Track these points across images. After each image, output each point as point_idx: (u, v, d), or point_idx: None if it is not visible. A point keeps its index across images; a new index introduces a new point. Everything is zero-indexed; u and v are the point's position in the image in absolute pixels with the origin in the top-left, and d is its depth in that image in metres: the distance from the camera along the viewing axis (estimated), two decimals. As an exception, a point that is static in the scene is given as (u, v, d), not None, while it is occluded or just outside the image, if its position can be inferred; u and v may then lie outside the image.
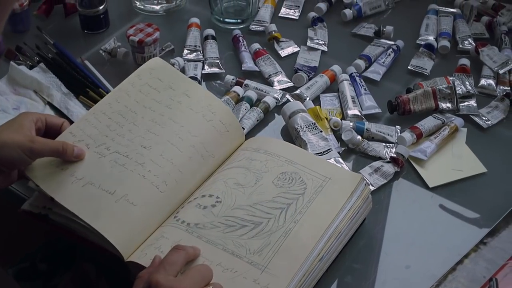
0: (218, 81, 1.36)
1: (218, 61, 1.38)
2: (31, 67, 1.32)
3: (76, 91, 1.29)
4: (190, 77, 1.31)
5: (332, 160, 1.13)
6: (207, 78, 1.37)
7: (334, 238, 0.95)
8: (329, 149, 1.15)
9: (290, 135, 1.21)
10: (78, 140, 1.01)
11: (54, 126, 1.02)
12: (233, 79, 1.31)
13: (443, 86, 1.25)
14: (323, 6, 1.52)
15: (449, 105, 1.24)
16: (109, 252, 0.92)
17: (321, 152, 1.14)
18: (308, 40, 1.44)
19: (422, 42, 1.43)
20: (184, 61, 1.37)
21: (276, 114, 1.28)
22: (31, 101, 1.26)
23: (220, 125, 1.08)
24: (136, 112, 1.06)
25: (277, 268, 0.89)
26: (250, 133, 1.22)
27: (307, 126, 1.18)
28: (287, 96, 1.29)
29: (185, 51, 1.40)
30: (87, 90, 1.28)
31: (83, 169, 0.98)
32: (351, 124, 1.21)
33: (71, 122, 1.21)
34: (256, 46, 1.41)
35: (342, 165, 1.13)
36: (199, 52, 1.40)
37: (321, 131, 1.17)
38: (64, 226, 0.97)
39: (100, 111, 1.06)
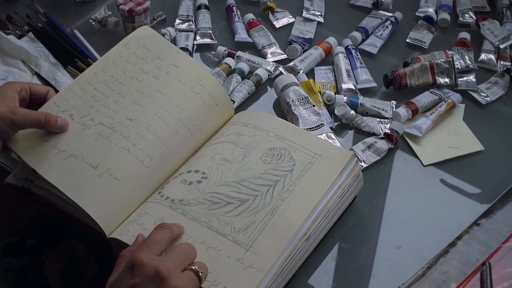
0: (212, 52, 1.30)
1: (210, 31, 1.32)
2: (20, 37, 1.27)
3: (65, 61, 1.24)
4: (181, 48, 1.25)
5: (323, 136, 1.08)
6: (199, 49, 1.31)
7: (322, 217, 0.90)
8: (321, 124, 1.09)
9: (282, 109, 1.15)
10: (62, 111, 0.97)
11: (39, 95, 0.97)
12: (225, 51, 1.26)
13: (442, 60, 1.19)
14: (320, -25, 1.45)
15: (447, 80, 1.18)
16: (93, 228, 0.88)
17: (312, 127, 1.09)
18: (303, 10, 1.37)
19: (422, 15, 1.36)
20: (175, 31, 1.31)
21: (268, 87, 1.22)
22: (18, 72, 1.21)
23: (208, 98, 1.02)
24: (122, 82, 1.01)
25: (262, 248, 0.85)
26: (241, 107, 1.17)
27: (299, 100, 1.12)
28: (280, 68, 1.23)
29: (177, 21, 1.34)
30: (76, 60, 1.23)
31: (67, 141, 0.94)
32: (345, 98, 1.15)
33: (57, 92, 1.17)
34: (250, 16, 1.34)
35: (334, 141, 1.08)
36: (191, 22, 1.34)
37: (314, 106, 1.12)
38: (47, 201, 0.93)
39: (86, 81, 1.01)
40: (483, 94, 1.19)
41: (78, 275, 0.97)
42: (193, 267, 0.78)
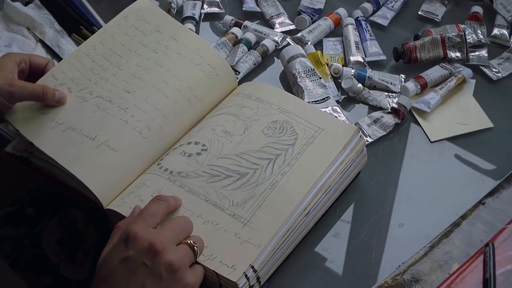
0: (220, 22, 1.25)
1: (218, 0, 1.27)
2: (26, 4, 1.23)
3: (70, 29, 1.20)
4: (187, 17, 1.21)
5: (329, 109, 1.04)
6: (206, 18, 1.27)
7: (323, 192, 0.86)
8: (326, 97, 1.05)
9: (288, 81, 1.11)
10: (60, 84, 0.94)
11: (39, 66, 0.95)
12: (232, 20, 1.21)
13: (453, 34, 1.14)
14: None
15: (458, 54, 1.13)
16: (91, 199, 0.85)
17: (318, 100, 1.05)
18: (314, -20, 1.32)
19: (435, -13, 1.31)
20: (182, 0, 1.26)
21: (275, 58, 1.18)
22: (23, 39, 1.18)
23: (208, 69, 0.98)
24: (121, 55, 0.98)
25: (260, 223, 0.82)
26: (247, 77, 1.13)
27: (305, 72, 1.08)
28: (288, 39, 1.19)
29: (185, -11, 1.30)
30: (81, 28, 1.19)
31: (64, 114, 0.91)
32: (353, 71, 1.11)
33: (60, 59, 1.14)
34: (259, -15, 1.30)
35: (339, 114, 1.04)
36: (199, -10, 1.29)
37: (320, 78, 1.08)
38: (46, 171, 0.91)
39: (84, 53, 0.98)
40: (494, 69, 1.13)
41: (76, 245, 0.95)
42: (188, 241, 0.76)
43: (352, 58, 1.14)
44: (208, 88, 0.98)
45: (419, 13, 1.26)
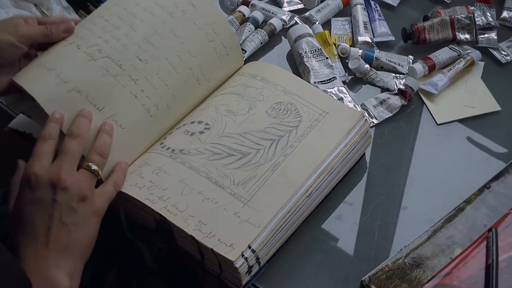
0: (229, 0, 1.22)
1: (227, -22, 1.24)
2: (34, -21, 1.21)
3: (76, 5, 1.17)
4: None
5: (335, 89, 1.01)
6: (215, -5, 1.24)
7: (326, 174, 0.84)
8: (333, 78, 1.03)
9: (295, 60, 1.08)
10: (69, 43, 0.87)
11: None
12: (240, -2, 1.18)
13: (462, 15, 1.10)
14: None
15: (467, 36, 1.10)
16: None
17: (324, 80, 1.02)
18: (324, -41, 1.28)
19: (446, -33, 1.26)
20: (191, -24, 1.23)
21: (283, 37, 1.15)
22: (30, 15, 1.15)
23: (220, 48, 0.95)
24: (135, 14, 0.91)
25: (261, 203, 0.80)
26: (253, 57, 1.10)
27: (312, 51, 1.05)
28: (296, 18, 1.16)
29: (194, -34, 1.26)
30: (88, 4, 1.16)
31: (70, 71, 0.84)
32: (360, 51, 1.08)
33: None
34: (269, -37, 1.26)
35: (345, 95, 1.01)
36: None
37: (327, 58, 1.05)
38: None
39: (97, 15, 0.91)
40: (503, 52, 1.10)
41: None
42: (86, 164, 0.77)
43: (360, 38, 1.11)
44: (216, 68, 0.94)
45: (430, -7, 1.23)
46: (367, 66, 1.05)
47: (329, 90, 1.01)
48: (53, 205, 0.73)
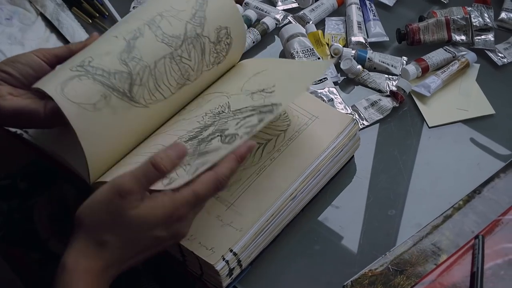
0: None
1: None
2: (28, -25, 1.20)
3: (70, 2, 1.16)
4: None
5: (325, 90, 0.99)
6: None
7: (312, 176, 0.83)
8: (324, 78, 1.01)
9: (287, 60, 1.06)
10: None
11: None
12: (233, -4, 1.16)
13: (459, 16, 1.08)
14: None
15: (463, 37, 1.07)
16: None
17: (315, 81, 1.00)
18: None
19: (444, -34, 1.24)
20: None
21: (276, 36, 1.13)
22: (24, 11, 1.15)
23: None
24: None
25: (244, 207, 0.79)
26: (245, 56, 1.07)
27: (303, 51, 1.03)
28: (289, 17, 1.14)
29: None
30: (81, 1, 1.15)
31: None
32: (353, 52, 1.06)
33: (59, 34, 1.11)
34: (264, -39, 1.24)
35: (336, 96, 0.99)
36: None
37: (319, 58, 1.03)
38: (38, 147, 0.87)
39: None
40: (500, 54, 1.07)
41: (66, 220, 0.92)
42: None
43: (354, 39, 1.09)
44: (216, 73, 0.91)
45: (427, -7, 1.20)
46: (359, 67, 1.03)
47: (319, 91, 0.98)
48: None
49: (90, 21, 1.14)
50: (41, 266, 0.89)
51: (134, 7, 1.15)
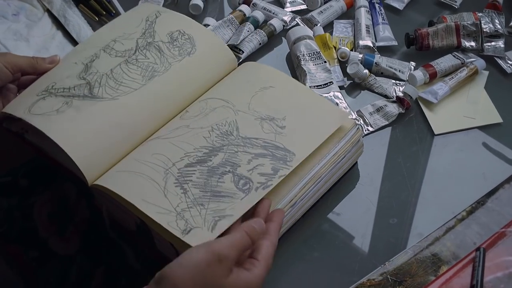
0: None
1: (230, -25, 1.21)
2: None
3: (77, -1, 1.16)
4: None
5: (330, 94, 0.98)
6: (219, -7, 1.21)
7: (312, 183, 0.82)
8: (329, 82, 1.00)
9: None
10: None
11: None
12: (241, -3, 1.15)
13: (468, 22, 1.06)
14: None
15: (473, 43, 1.06)
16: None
17: (320, 85, 0.99)
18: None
19: (457, -29, 1.22)
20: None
21: (283, 38, 1.12)
22: (31, 8, 1.15)
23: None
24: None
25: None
26: (251, 57, 1.07)
27: (310, 54, 1.02)
28: (297, 19, 1.13)
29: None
30: (89, -2, 1.15)
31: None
32: (360, 56, 1.05)
33: (65, 31, 1.10)
34: (273, -38, 1.23)
35: (341, 101, 0.98)
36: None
37: (325, 62, 1.02)
38: (39, 147, 0.87)
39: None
40: (509, 61, 1.06)
41: (66, 219, 0.92)
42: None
43: (361, 42, 1.08)
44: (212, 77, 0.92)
45: (437, -3, 1.19)
46: (366, 71, 1.02)
47: (324, 95, 0.98)
48: None
49: (97, 18, 1.14)
50: (40, 264, 0.89)
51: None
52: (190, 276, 0.64)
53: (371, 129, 0.97)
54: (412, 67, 1.05)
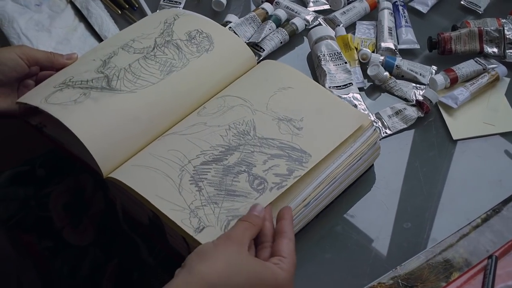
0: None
1: (254, -27, 1.22)
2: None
3: (100, -7, 1.18)
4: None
5: (349, 96, 0.98)
6: (243, -10, 1.22)
7: (327, 183, 0.82)
8: (349, 83, 1.00)
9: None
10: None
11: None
12: (265, -5, 1.16)
13: (492, 28, 1.06)
14: None
15: (495, 49, 1.06)
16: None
17: (340, 86, 1.00)
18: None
19: (483, -25, 1.22)
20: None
21: (305, 38, 1.12)
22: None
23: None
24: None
25: None
26: (272, 55, 1.08)
27: (330, 55, 1.02)
28: (319, 19, 1.13)
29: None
30: (110, -9, 1.17)
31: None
32: (381, 58, 1.05)
33: (87, 23, 1.12)
34: (298, -39, 1.23)
35: (360, 102, 0.98)
36: (236, -38, 1.24)
37: (346, 63, 1.02)
38: (57, 140, 0.88)
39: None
40: (532, 69, 1.06)
41: (82, 210, 0.93)
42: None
43: (383, 45, 1.08)
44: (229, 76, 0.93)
45: (462, 2, 1.18)
46: (386, 73, 1.02)
47: (343, 96, 0.98)
48: None
49: (120, 12, 1.15)
50: (53, 254, 0.90)
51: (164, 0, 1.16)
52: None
53: (389, 132, 0.97)
54: (434, 71, 1.05)
